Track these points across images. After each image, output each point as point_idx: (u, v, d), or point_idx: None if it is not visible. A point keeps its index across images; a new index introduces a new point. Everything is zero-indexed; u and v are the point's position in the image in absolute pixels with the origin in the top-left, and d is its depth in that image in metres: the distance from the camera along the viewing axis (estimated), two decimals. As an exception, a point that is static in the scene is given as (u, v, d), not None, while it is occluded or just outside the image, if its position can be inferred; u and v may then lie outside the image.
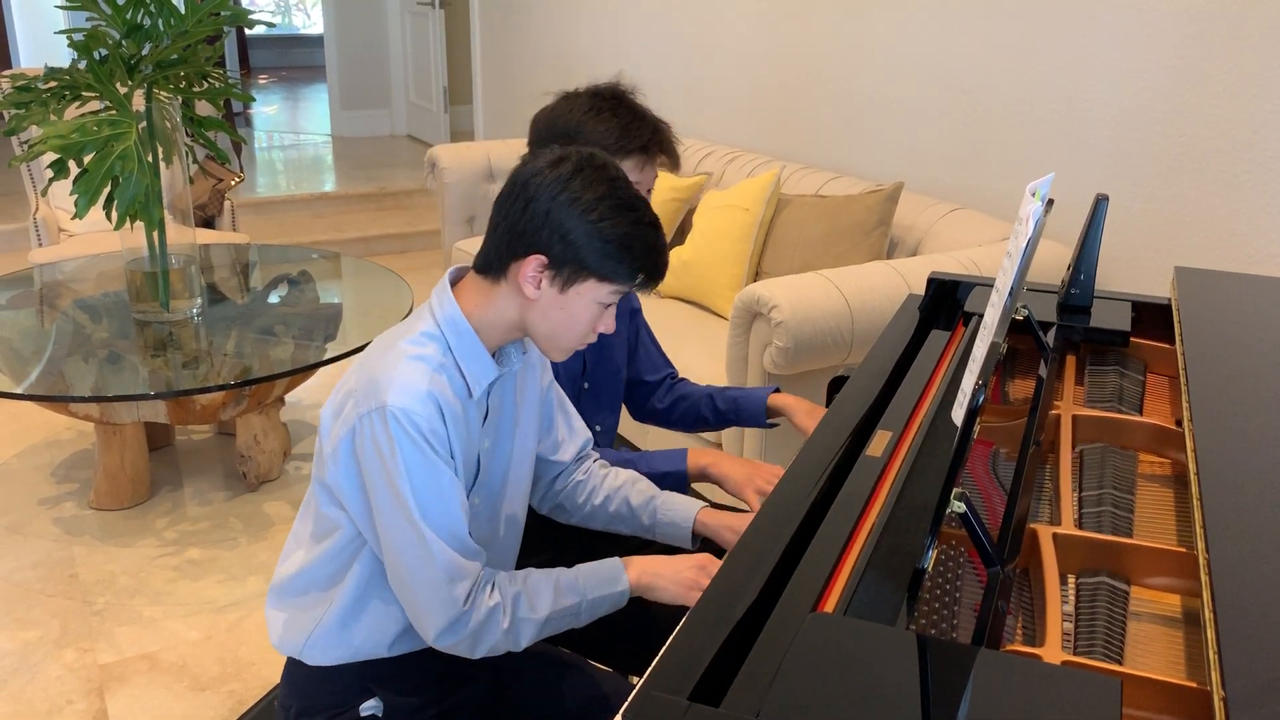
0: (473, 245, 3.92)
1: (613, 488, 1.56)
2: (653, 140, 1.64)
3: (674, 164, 1.69)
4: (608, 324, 1.32)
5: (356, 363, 1.32)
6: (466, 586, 1.28)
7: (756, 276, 3.13)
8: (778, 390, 1.86)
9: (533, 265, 1.26)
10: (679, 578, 1.35)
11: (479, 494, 1.40)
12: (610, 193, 1.25)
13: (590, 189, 1.24)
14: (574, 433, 1.58)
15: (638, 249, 1.26)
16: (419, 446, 1.24)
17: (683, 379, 1.96)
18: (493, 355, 1.36)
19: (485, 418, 1.37)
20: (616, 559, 1.38)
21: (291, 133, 8.09)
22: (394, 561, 1.28)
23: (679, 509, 1.52)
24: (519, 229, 1.26)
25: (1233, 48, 2.37)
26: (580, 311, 1.29)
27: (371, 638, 1.38)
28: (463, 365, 1.31)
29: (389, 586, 1.35)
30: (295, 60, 11.95)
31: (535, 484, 1.58)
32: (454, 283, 1.35)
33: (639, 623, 1.64)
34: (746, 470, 1.62)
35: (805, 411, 1.79)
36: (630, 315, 1.88)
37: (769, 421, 1.85)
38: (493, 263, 1.30)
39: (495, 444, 1.41)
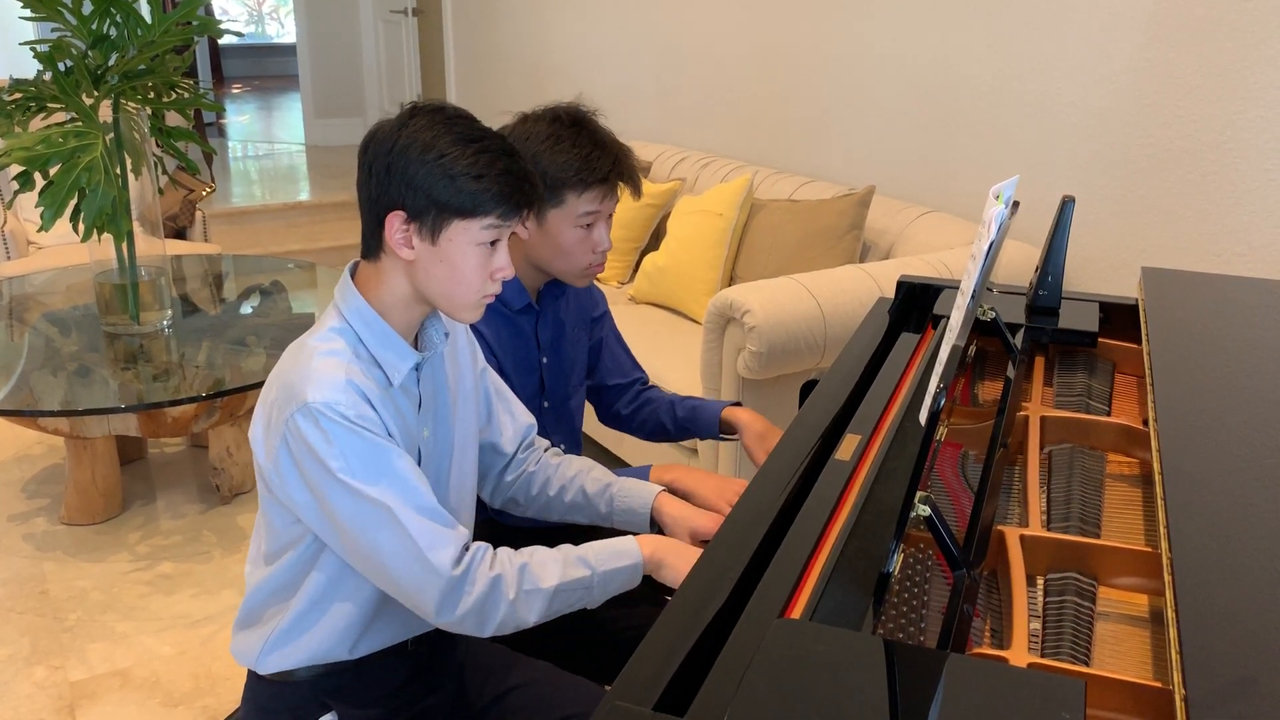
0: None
1: (567, 477, 1.52)
2: (614, 170, 1.59)
3: (635, 191, 1.64)
4: (501, 266, 1.27)
5: (272, 373, 1.30)
6: (451, 553, 1.22)
7: (730, 281, 3.13)
8: (738, 404, 1.81)
9: (395, 223, 1.23)
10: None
11: None
12: (447, 130, 1.22)
13: (426, 131, 1.22)
14: (515, 419, 1.54)
15: (490, 175, 1.21)
16: (354, 431, 1.21)
17: (653, 386, 1.92)
18: (414, 339, 1.33)
19: (420, 406, 1.34)
20: (630, 535, 1.33)
21: (265, 142, 8.04)
22: (367, 554, 1.23)
23: (636, 495, 1.47)
24: (372, 196, 1.24)
25: (1198, 49, 2.39)
26: (460, 259, 1.24)
27: (329, 640, 1.34)
28: (377, 354, 1.28)
29: (351, 589, 1.32)
30: (269, 69, 11.89)
31: (483, 477, 1.54)
32: (354, 275, 1.32)
33: (614, 631, 1.63)
34: (716, 483, 1.57)
35: (757, 434, 1.73)
36: (592, 321, 1.83)
37: (724, 436, 1.80)
38: (369, 240, 1.28)
39: (435, 432, 1.37)
